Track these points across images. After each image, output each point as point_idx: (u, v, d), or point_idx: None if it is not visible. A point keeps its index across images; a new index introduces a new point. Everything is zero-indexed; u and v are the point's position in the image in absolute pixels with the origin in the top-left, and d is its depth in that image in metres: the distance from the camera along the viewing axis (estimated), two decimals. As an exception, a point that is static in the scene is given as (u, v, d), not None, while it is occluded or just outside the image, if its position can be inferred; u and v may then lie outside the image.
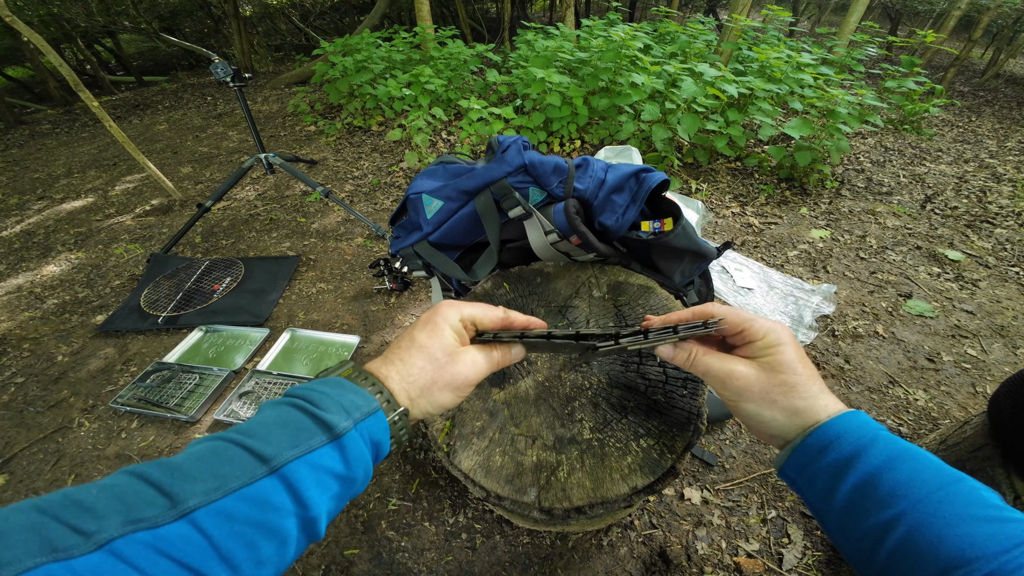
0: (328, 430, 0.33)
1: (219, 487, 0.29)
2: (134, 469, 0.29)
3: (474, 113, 2.74)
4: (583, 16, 6.15)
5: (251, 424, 0.33)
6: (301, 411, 0.34)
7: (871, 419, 0.40)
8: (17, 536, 0.23)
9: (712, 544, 1.07)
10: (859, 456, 0.37)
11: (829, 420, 0.40)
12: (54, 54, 2.23)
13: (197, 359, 1.62)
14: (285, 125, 3.93)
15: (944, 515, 0.32)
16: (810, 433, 0.40)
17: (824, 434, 0.39)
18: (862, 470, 0.36)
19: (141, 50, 8.05)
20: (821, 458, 0.38)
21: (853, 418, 0.40)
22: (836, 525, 0.37)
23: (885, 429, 0.39)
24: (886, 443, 0.37)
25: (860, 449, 0.37)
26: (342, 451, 0.34)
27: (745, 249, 2.13)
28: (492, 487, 0.59)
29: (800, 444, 0.40)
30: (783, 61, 2.71)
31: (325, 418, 0.34)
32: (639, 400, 0.64)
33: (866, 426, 0.39)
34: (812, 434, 0.40)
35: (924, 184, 2.67)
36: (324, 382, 0.37)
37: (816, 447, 0.39)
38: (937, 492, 0.33)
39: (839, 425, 0.39)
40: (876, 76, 4.75)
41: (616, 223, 0.77)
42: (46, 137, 4.23)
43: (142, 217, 2.65)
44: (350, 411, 0.35)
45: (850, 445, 0.37)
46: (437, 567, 1.05)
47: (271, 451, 0.31)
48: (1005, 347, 1.56)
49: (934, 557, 0.31)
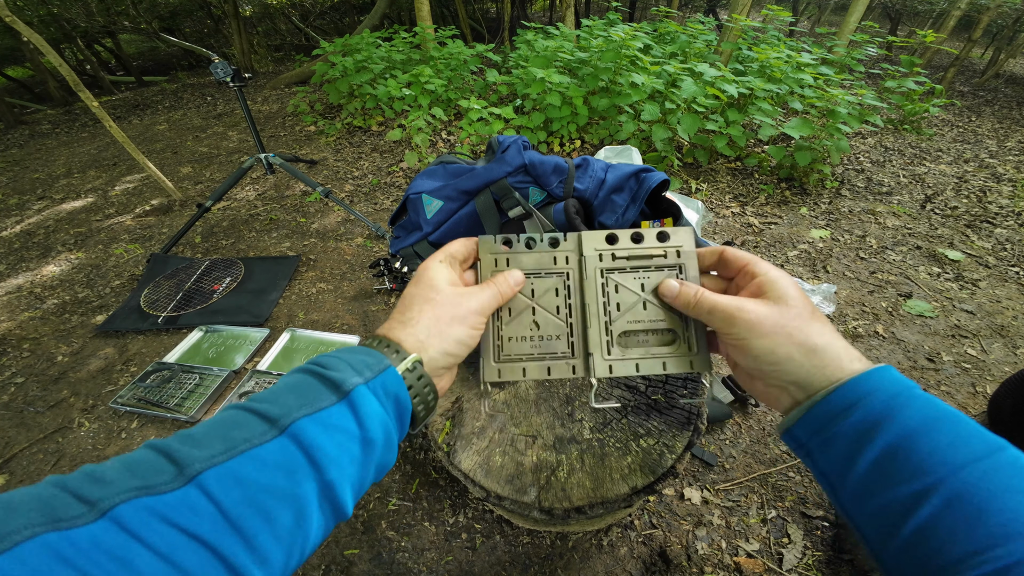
0: (336, 388, 0.32)
1: (227, 450, 0.27)
2: (154, 442, 0.28)
3: (474, 113, 2.74)
4: (583, 16, 6.15)
5: (264, 392, 0.33)
6: (310, 374, 0.34)
7: (903, 376, 0.35)
8: (24, 507, 0.22)
9: (712, 544, 1.07)
10: (891, 417, 0.32)
11: (857, 375, 0.34)
12: (54, 54, 2.23)
13: (197, 359, 1.62)
14: (285, 125, 3.93)
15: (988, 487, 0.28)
16: (834, 389, 0.35)
17: (851, 391, 0.34)
18: (894, 433, 0.32)
19: (141, 50, 8.05)
20: (844, 418, 0.34)
21: (884, 373, 0.34)
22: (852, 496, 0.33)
23: (919, 387, 0.34)
24: (923, 404, 0.32)
25: (893, 409, 0.32)
26: (353, 408, 0.32)
27: (745, 249, 2.13)
28: (492, 487, 0.59)
29: (822, 400, 0.35)
30: (783, 61, 2.71)
31: (332, 376, 0.33)
32: (639, 400, 0.64)
33: (899, 383, 0.34)
34: (836, 390, 0.34)
35: (924, 184, 2.67)
36: (339, 349, 0.37)
37: (840, 405, 0.34)
38: (981, 461, 0.29)
39: (869, 381, 0.34)
40: (876, 76, 4.75)
41: (616, 223, 0.77)
42: (46, 137, 4.23)
43: (142, 217, 2.65)
44: (359, 369, 0.34)
45: (881, 404, 0.33)
46: (437, 567, 1.05)
47: (279, 412, 0.30)
48: (1005, 347, 1.57)
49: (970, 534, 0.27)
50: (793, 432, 0.37)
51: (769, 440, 1.27)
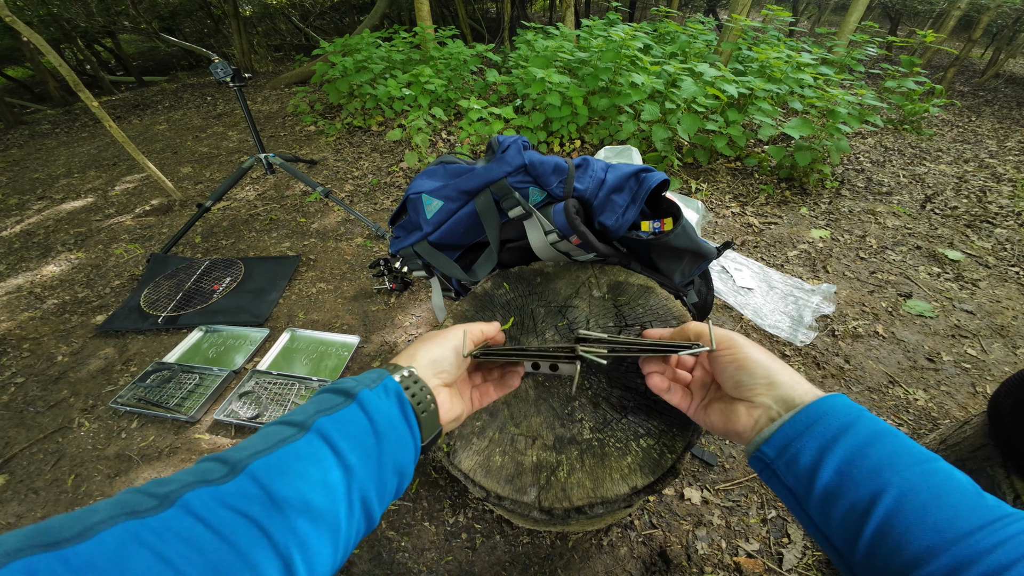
0: (346, 395, 0.39)
1: (267, 448, 0.33)
2: (206, 456, 0.34)
3: (474, 113, 2.74)
4: (583, 16, 6.15)
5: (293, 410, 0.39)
6: (324, 391, 0.41)
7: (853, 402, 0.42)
8: (104, 507, 0.26)
9: (712, 544, 1.07)
10: (847, 431, 0.38)
11: (817, 399, 0.42)
12: (54, 54, 2.23)
13: (197, 359, 1.62)
14: (285, 125, 3.93)
15: (928, 486, 0.33)
16: (800, 410, 0.41)
17: (812, 411, 0.41)
18: (850, 444, 0.37)
19: (141, 50, 8.05)
20: (808, 434, 0.40)
21: (838, 399, 0.41)
22: (819, 505, 0.38)
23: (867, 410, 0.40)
24: (871, 421, 0.39)
25: (847, 424, 0.38)
26: (362, 406, 0.39)
27: (745, 249, 2.13)
28: (492, 487, 0.59)
29: (790, 419, 0.41)
30: (783, 61, 2.71)
31: (342, 386, 0.41)
32: (639, 400, 0.64)
33: (851, 405, 0.41)
34: (802, 411, 0.41)
35: (924, 184, 2.67)
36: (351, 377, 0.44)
37: (804, 424, 0.40)
38: (921, 465, 0.35)
39: (827, 403, 0.41)
40: (876, 76, 4.75)
41: (616, 223, 0.77)
42: (46, 137, 4.23)
43: (142, 217, 2.65)
44: (363, 381, 0.41)
45: (838, 421, 0.39)
46: (437, 567, 1.05)
47: (303, 417, 0.37)
48: (1005, 347, 1.57)
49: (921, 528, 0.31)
50: (763, 451, 0.43)
51: (769, 440, 1.27)
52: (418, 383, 0.44)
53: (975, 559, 0.29)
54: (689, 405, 0.53)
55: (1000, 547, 0.29)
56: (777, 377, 0.45)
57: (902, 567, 0.31)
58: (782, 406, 0.43)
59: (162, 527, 0.26)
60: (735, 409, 0.46)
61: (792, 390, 0.43)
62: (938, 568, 0.30)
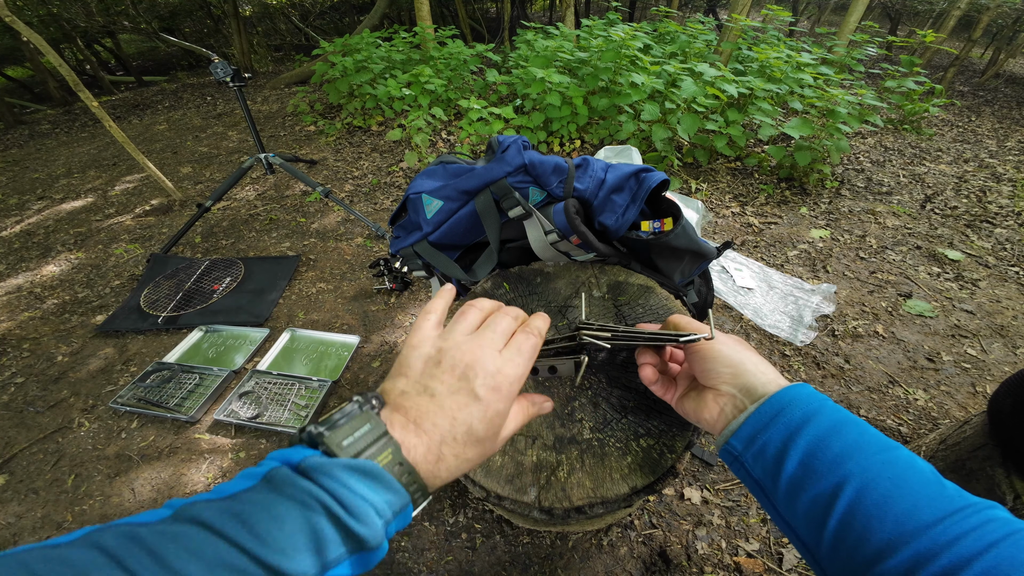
0: (357, 542, 0.27)
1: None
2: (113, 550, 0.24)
3: (474, 113, 2.74)
4: (583, 16, 6.15)
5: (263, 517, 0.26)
6: (327, 516, 0.27)
7: (816, 391, 0.42)
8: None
9: (712, 544, 1.07)
10: (809, 420, 0.38)
11: (780, 390, 0.41)
12: (54, 54, 2.23)
13: (197, 359, 1.62)
14: (285, 125, 3.93)
15: (889, 475, 0.33)
16: (764, 400, 0.41)
17: (776, 401, 0.40)
18: (812, 433, 0.37)
19: (141, 50, 8.05)
20: (773, 425, 0.39)
21: (802, 388, 0.41)
22: (785, 497, 0.37)
23: (830, 399, 0.40)
24: (833, 410, 0.39)
25: (810, 414, 0.38)
26: (366, 561, 0.29)
27: (745, 249, 2.13)
28: (492, 487, 0.59)
29: (755, 410, 0.41)
30: (783, 61, 2.71)
31: (358, 533, 0.27)
32: (639, 400, 0.64)
33: (814, 395, 0.40)
34: (767, 401, 0.41)
35: (924, 184, 2.67)
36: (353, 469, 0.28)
37: (769, 414, 0.40)
38: (882, 453, 0.34)
39: (789, 393, 0.41)
40: (876, 76, 4.75)
41: (616, 223, 0.77)
42: (46, 137, 4.23)
43: (142, 217, 2.65)
44: (382, 514, 0.29)
45: (800, 410, 0.39)
46: (437, 567, 1.05)
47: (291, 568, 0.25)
48: (1005, 347, 1.57)
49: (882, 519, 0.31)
50: (731, 444, 0.42)
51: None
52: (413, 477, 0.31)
53: (935, 553, 0.28)
54: (672, 396, 0.54)
55: (960, 541, 0.28)
56: (741, 366, 0.45)
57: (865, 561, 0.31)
58: (747, 396, 0.43)
59: None
60: (704, 398, 0.47)
61: (755, 379, 0.43)
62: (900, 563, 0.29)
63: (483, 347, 0.36)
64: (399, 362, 0.38)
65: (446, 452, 0.33)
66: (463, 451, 0.34)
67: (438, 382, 0.35)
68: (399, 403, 0.34)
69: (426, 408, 0.34)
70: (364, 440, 0.30)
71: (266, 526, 0.25)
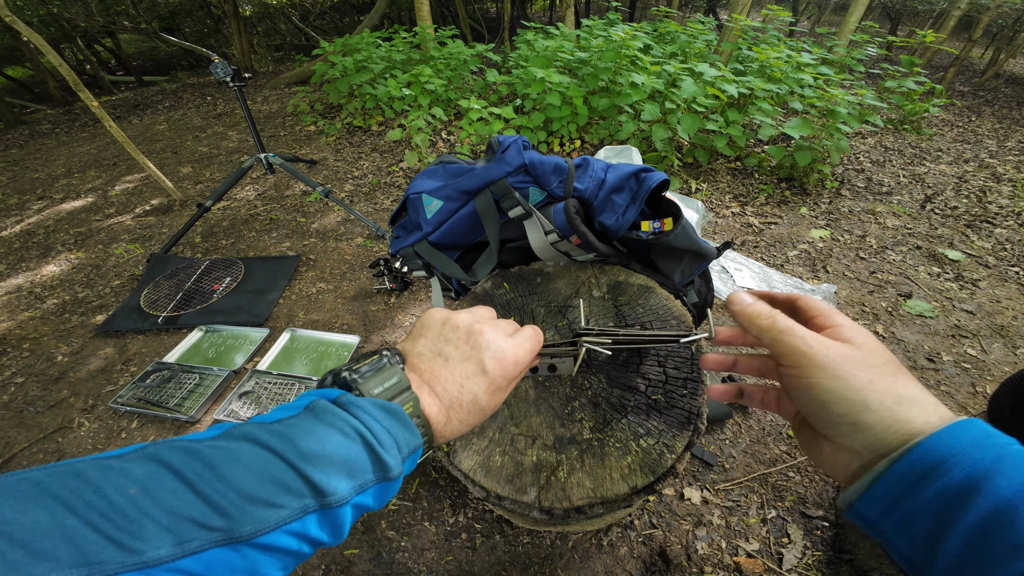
0: (383, 471, 0.31)
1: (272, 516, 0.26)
2: (170, 462, 0.25)
3: (474, 113, 2.74)
4: (583, 16, 6.15)
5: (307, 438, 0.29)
6: (363, 442, 0.30)
7: (993, 429, 0.28)
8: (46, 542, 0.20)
9: (712, 544, 1.07)
10: (983, 481, 0.26)
11: (934, 433, 0.28)
12: (54, 54, 2.23)
13: (197, 359, 1.62)
14: (285, 125, 3.93)
15: None
16: (908, 450, 0.28)
17: (927, 452, 0.27)
18: (990, 501, 0.25)
19: (141, 50, 8.05)
20: (924, 487, 0.27)
21: (969, 428, 0.28)
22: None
23: (1018, 443, 0.27)
24: (1014, 468, 0.26)
25: (984, 471, 0.26)
26: (385, 491, 0.32)
27: (745, 249, 2.13)
28: (492, 487, 0.59)
29: (892, 465, 0.28)
30: (783, 61, 2.71)
31: (386, 460, 0.31)
32: (639, 400, 0.64)
33: (990, 438, 0.27)
34: (911, 450, 0.28)
35: (924, 184, 2.67)
36: (383, 408, 0.32)
37: (916, 472, 0.27)
38: None
39: (948, 438, 0.27)
40: (876, 76, 4.75)
41: (616, 223, 0.77)
42: (46, 137, 4.23)
43: (142, 217, 2.65)
44: (401, 449, 0.32)
45: (968, 466, 0.26)
46: (437, 567, 1.05)
47: (331, 486, 0.28)
48: (1005, 347, 1.57)
49: None
50: (858, 509, 0.30)
51: (769, 440, 1.28)
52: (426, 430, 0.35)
53: None
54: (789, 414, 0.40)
55: None
56: (864, 416, 0.30)
57: None
58: (873, 454, 0.30)
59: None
60: (819, 444, 0.34)
61: (888, 432, 0.29)
62: None
63: (495, 328, 0.40)
64: (419, 324, 0.42)
65: (452, 416, 0.36)
66: (467, 417, 0.37)
67: (452, 347, 0.38)
68: (415, 364, 0.38)
69: (439, 372, 0.37)
70: (392, 390, 0.34)
71: (311, 446, 0.28)
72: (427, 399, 0.35)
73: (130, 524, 0.22)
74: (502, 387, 0.39)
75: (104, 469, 0.24)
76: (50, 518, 0.21)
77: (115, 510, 0.22)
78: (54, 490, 0.22)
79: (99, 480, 0.23)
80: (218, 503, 0.25)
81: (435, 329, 0.40)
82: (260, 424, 0.29)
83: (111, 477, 0.24)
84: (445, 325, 0.40)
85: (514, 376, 0.40)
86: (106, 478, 0.23)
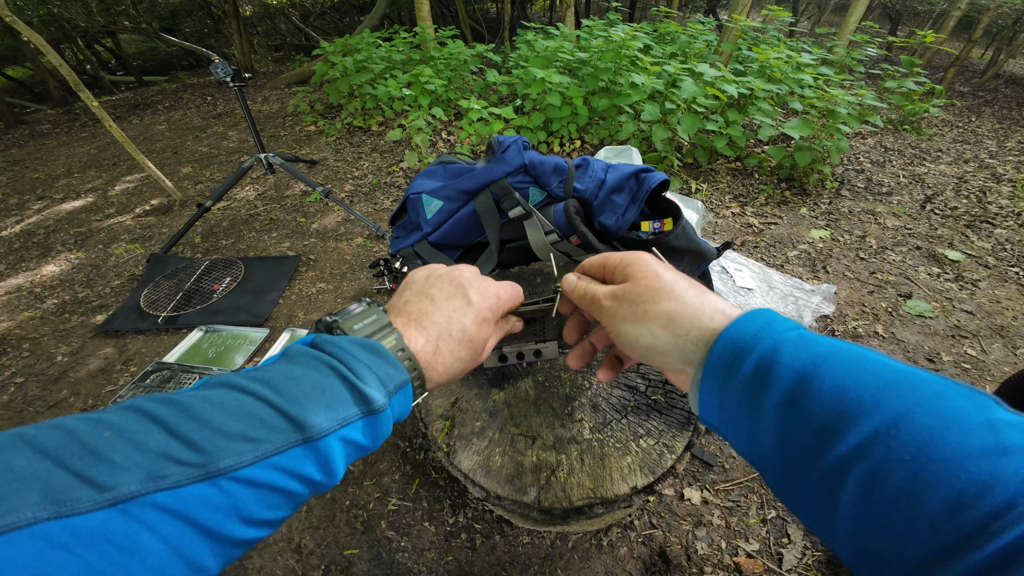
0: (365, 404, 0.30)
1: (251, 450, 0.26)
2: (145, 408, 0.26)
3: (474, 113, 2.75)
4: (583, 16, 6.15)
5: (282, 378, 0.29)
6: (338, 377, 0.30)
7: (780, 315, 0.30)
8: (16, 483, 0.20)
9: (712, 544, 1.07)
10: (774, 359, 0.27)
11: (728, 324, 0.30)
12: (54, 54, 2.23)
13: (197, 359, 1.62)
14: (285, 125, 3.93)
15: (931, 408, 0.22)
16: (708, 353, 0.30)
17: (724, 345, 0.29)
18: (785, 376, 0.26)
19: (141, 50, 8.06)
20: (732, 379, 0.29)
21: (755, 316, 0.29)
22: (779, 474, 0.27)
23: (802, 326, 0.29)
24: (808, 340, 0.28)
25: (772, 349, 0.27)
26: (375, 426, 0.32)
27: (745, 249, 2.13)
28: (492, 487, 0.59)
29: (703, 372, 0.30)
30: (783, 61, 2.71)
31: (365, 392, 0.30)
32: (639, 400, 0.64)
33: (773, 322, 0.29)
34: (709, 353, 0.30)
35: (924, 184, 2.67)
36: (360, 344, 0.32)
37: (723, 365, 0.29)
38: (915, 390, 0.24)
39: (737, 328, 0.29)
40: (876, 76, 4.75)
41: (616, 223, 0.77)
42: (46, 137, 4.23)
43: (142, 217, 2.65)
44: (385, 384, 0.32)
45: (759, 349, 0.28)
46: (437, 567, 1.05)
47: (309, 419, 0.28)
48: (1005, 347, 1.57)
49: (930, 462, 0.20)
50: (703, 418, 0.32)
51: (769, 440, 1.27)
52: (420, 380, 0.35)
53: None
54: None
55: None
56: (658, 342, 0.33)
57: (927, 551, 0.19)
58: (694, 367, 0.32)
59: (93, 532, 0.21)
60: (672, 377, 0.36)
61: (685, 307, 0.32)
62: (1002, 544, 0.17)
63: (476, 273, 0.43)
64: (404, 281, 0.43)
65: (442, 347, 0.37)
66: (457, 348, 0.37)
67: (437, 289, 0.40)
68: (402, 308, 0.39)
69: (426, 309, 0.38)
70: (372, 327, 0.35)
71: (285, 385, 0.29)
72: (413, 333, 0.36)
73: (101, 463, 0.22)
74: (488, 319, 0.40)
75: (83, 420, 0.24)
76: (24, 462, 0.21)
77: (87, 451, 0.22)
78: (29, 437, 0.22)
79: (75, 427, 0.23)
80: (193, 439, 0.24)
81: (419, 281, 0.41)
82: (234, 373, 0.30)
83: (87, 425, 0.24)
84: (429, 276, 0.42)
85: (498, 309, 0.41)
86: (82, 426, 0.24)
